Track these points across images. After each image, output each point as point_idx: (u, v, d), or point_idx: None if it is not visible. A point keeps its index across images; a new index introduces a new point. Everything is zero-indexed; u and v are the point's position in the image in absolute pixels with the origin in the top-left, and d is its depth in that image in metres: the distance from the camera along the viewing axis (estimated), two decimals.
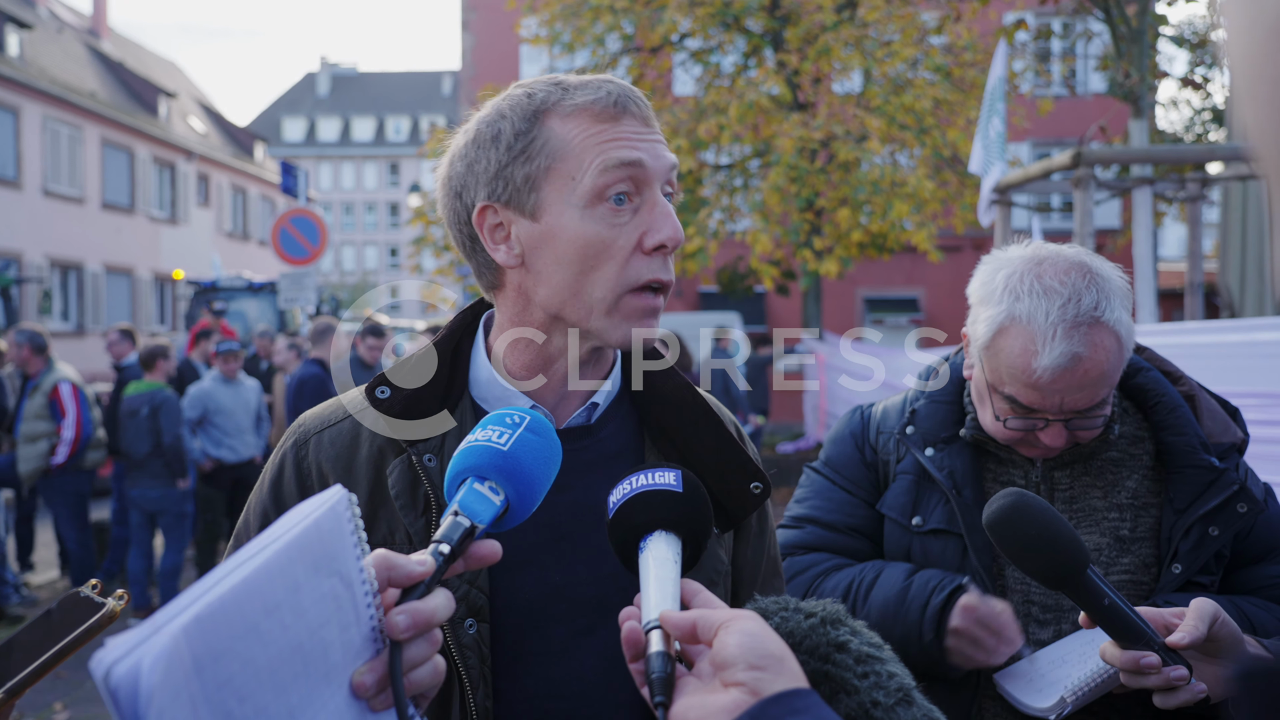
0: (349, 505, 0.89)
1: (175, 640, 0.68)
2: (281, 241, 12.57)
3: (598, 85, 1.26)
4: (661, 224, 1.24)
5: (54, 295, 26.62)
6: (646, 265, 1.25)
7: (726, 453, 1.36)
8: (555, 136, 1.24)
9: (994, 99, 8.21)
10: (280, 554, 0.80)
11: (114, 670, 0.66)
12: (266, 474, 1.37)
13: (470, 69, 24.62)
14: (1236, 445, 1.78)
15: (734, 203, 15.95)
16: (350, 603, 0.87)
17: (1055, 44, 18.97)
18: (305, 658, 0.81)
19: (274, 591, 0.78)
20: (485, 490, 1.01)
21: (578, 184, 1.23)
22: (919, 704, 0.97)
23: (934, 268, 20.32)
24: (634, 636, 0.96)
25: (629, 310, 1.25)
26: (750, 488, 1.35)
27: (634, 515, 1.06)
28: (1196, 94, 16.56)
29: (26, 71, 25.68)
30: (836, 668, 0.99)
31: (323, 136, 77.23)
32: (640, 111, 1.27)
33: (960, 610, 1.67)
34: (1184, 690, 1.49)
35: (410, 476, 1.28)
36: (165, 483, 7.53)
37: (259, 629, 0.76)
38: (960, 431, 1.85)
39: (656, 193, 1.26)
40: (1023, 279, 1.67)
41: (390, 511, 1.28)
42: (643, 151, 1.24)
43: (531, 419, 1.07)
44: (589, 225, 1.23)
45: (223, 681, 0.72)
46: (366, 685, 0.87)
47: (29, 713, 5.96)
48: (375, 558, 0.92)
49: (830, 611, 1.04)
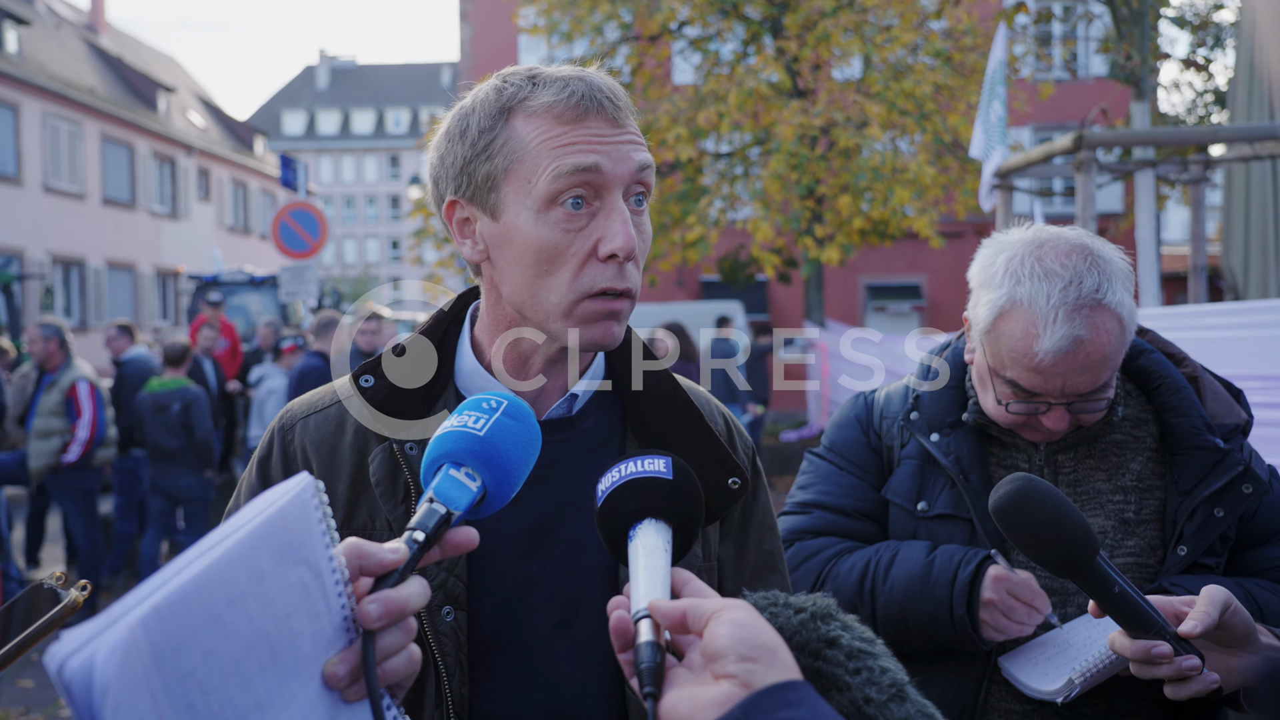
0: (316, 493, 0.87)
1: (132, 632, 0.67)
2: (282, 235, 12.57)
3: (564, 83, 1.23)
4: (614, 232, 1.21)
5: (56, 291, 26.62)
6: (601, 273, 1.22)
7: (706, 447, 1.34)
8: (515, 137, 1.23)
9: (994, 83, 8.17)
10: (243, 543, 0.78)
11: (68, 664, 0.65)
12: (255, 457, 1.37)
13: (469, 60, 24.56)
14: (1240, 426, 1.77)
15: (734, 191, 15.91)
16: (320, 592, 0.85)
17: (1056, 27, 18.90)
18: (273, 648, 0.79)
19: (237, 581, 0.76)
20: (461, 476, 0.99)
21: (532, 187, 1.21)
22: (912, 699, 0.95)
23: (936, 254, 20.27)
24: (623, 626, 0.94)
25: (586, 314, 1.23)
26: (729, 483, 1.33)
27: (623, 503, 1.03)
28: (1199, 76, 16.49)
29: (25, 68, 25.65)
30: (828, 664, 0.96)
31: (322, 130, 77.13)
32: (609, 111, 1.22)
33: (991, 581, 1.67)
34: (1196, 680, 1.47)
35: (391, 464, 1.28)
36: (196, 472, 7.86)
37: (221, 619, 0.74)
38: (963, 416, 1.84)
39: (615, 198, 1.22)
40: (1023, 262, 1.66)
41: (371, 498, 1.29)
42: (601, 155, 1.21)
43: (509, 404, 1.05)
44: (542, 230, 1.21)
45: (184, 674, 0.70)
46: (339, 676, 0.85)
47: (35, 708, 5.98)
48: (346, 546, 0.90)
49: (820, 606, 1.02)
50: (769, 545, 1.46)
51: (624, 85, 12.85)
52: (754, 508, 1.45)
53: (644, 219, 1.27)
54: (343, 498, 1.30)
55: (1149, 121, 10.83)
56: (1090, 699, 1.70)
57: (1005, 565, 1.68)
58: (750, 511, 1.44)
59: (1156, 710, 1.71)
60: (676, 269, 18.56)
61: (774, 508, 1.52)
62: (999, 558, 1.69)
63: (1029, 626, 1.67)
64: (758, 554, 1.44)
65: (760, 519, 1.46)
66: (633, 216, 1.25)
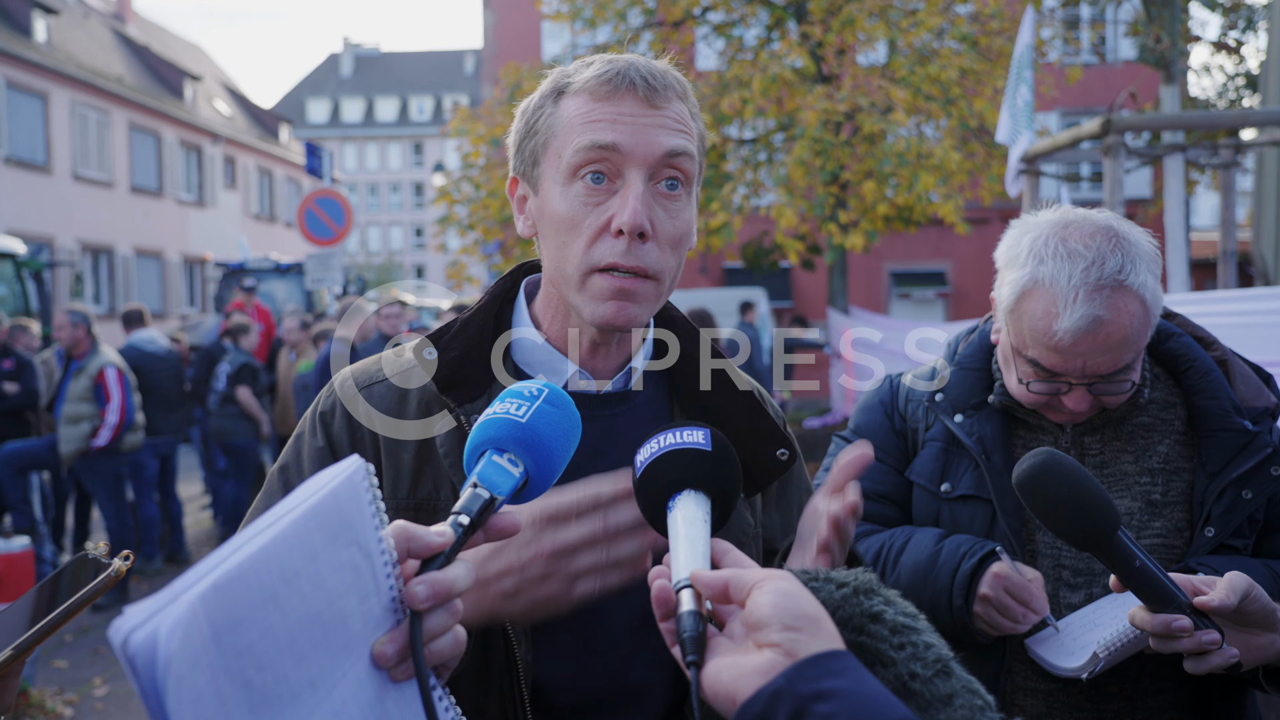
0: (366, 475, 0.89)
1: (193, 608, 0.68)
2: (307, 222, 12.64)
3: (608, 62, 1.27)
4: (623, 208, 1.24)
5: (85, 279, 26.92)
6: (611, 248, 1.25)
7: (755, 419, 1.39)
8: (557, 113, 1.29)
9: (1021, 67, 8.09)
10: (298, 523, 0.79)
11: (131, 638, 0.66)
12: (315, 409, 1.38)
13: (493, 46, 24.55)
14: (1270, 410, 1.76)
15: (758, 177, 15.83)
16: (369, 572, 0.86)
17: (1084, 10, 18.66)
18: (324, 627, 0.80)
19: (292, 560, 0.78)
20: (504, 462, 1.01)
21: (561, 161, 1.27)
22: (958, 675, 0.93)
23: (961, 240, 20.13)
24: (664, 595, 0.95)
25: (596, 290, 1.27)
26: (776, 454, 1.38)
27: (662, 474, 1.05)
28: (1230, 58, 16.25)
29: (54, 57, 25.89)
30: (871, 639, 0.95)
31: (347, 117, 77.39)
32: (641, 90, 1.26)
33: (990, 578, 1.68)
34: (1215, 655, 1.48)
35: (459, 435, 1.30)
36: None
37: (277, 597, 0.75)
38: (989, 398, 1.84)
39: (634, 177, 1.25)
40: (1048, 242, 1.65)
41: (437, 468, 1.31)
42: (621, 134, 1.24)
43: (550, 391, 1.06)
44: (563, 202, 1.27)
45: (241, 650, 0.72)
46: (387, 655, 0.87)
47: (69, 688, 6.08)
48: (394, 528, 0.91)
49: (863, 581, 1.00)
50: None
51: None
52: (791, 475, 1.48)
53: (677, 204, 1.29)
54: (408, 468, 1.32)
55: (1178, 105, 10.69)
56: (1116, 678, 1.71)
57: (1009, 564, 1.68)
58: (789, 478, 1.48)
59: (1182, 690, 1.71)
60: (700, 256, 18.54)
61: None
62: (1004, 554, 1.70)
63: (1023, 626, 1.67)
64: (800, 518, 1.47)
65: (798, 484, 1.51)
66: (661, 200, 1.27)
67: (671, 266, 1.30)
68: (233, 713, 0.70)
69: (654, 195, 1.27)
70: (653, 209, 1.26)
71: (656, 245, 1.26)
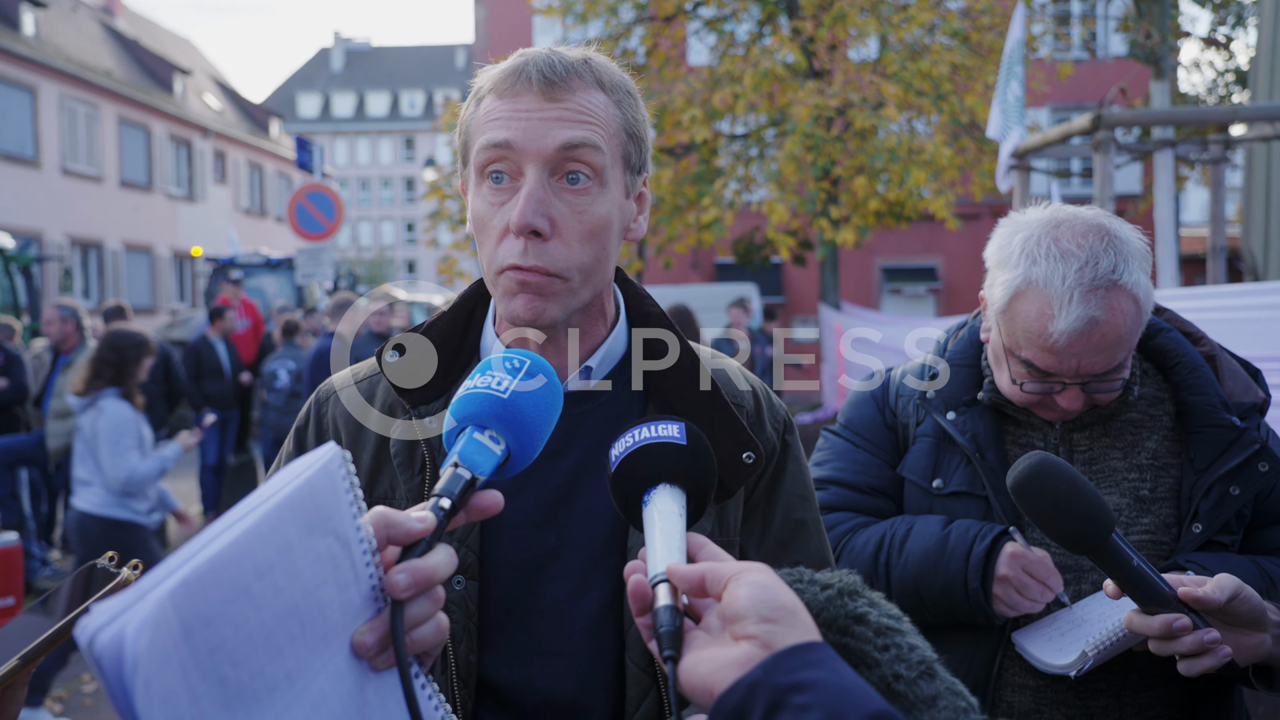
0: (343, 463, 0.87)
1: (161, 606, 0.66)
2: (298, 217, 12.61)
3: (515, 58, 1.27)
4: (513, 208, 1.22)
5: (74, 273, 26.78)
6: (510, 248, 1.23)
7: (721, 420, 1.32)
8: (476, 114, 1.29)
9: (1012, 63, 8.10)
10: (271, 514, 0.77)
11: (98, 638, 0.64)
12: (294, 425, 1.44)
13: (484, 41, 24.49)
14: (1258, 405, 1.77)
15: (749, 172, 15.84)
16: (348, 562, 0.85)
17: (1074, 5, 18.70)
18: (302, 619, 0.79)
19: (265, 553, 0.76)
20: (485, 440, 0.98)
21: (472, 161, 1.28)
22: (941, 677, 0.93)
23: (952, 236, 20.17)
24: (640, 590, 0.94)
25: (505, 287, 1.26)
26: (743, 457, 1.32)
27: (637, 468, 1.03)
28: (1219, 54, 16.29)
29: (42, 50, 25.73)
30: (856, 640, 0.94)
31: (337, 112, 77.11)
32: (540, 85, 1.22)
33: (1008, 558, 1.68)
34: (1209, 655, 1.48)
35: (410, 439, 1.32)
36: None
37: (250, 592, 0.74)
38: (978, 395, 1.84)
39: (531, 174, 1.22)
40: (1039, 242, 1.65)
41: (392, 469, 1.33)
42: (514, 131, 1.22)
43: (532, 363, 1.04)
44: (477, 202, 1.28)
45: (214, 646, 0.70)
46: (367, 645, 0.85)
47: (58, 684, 6.06)
48: (374, 515, 0.90)
49: (847, 583, 1.00)
50: (800, 515, 1.43)
51: (639, 66, 12.67)
52: (781, 478, 1.43)
53: (584, 198, 1.24)
54: (366, 466, 1.34)
55: (1168, 101, 10.72)
56: (1103, 676, 1.71)
57: (1023, 542, 1.69)
58: (778, 482, 1.42)
59: (1170, 686, 1.72)
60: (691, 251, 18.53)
61: None
62: (1017, 534, 1.70)
63: (1040, 604, 1.68)
64: (784, 524, 1.42)
65: (790, 489, 1.43)
66: (565, 195, 1.24)
67: (584, 262, 1.25)
68: (206, 710, 0.69)
69: (557, 191, 1.23)
70: (553, 205, 1.22)
71: (561, 242, 1.23)
